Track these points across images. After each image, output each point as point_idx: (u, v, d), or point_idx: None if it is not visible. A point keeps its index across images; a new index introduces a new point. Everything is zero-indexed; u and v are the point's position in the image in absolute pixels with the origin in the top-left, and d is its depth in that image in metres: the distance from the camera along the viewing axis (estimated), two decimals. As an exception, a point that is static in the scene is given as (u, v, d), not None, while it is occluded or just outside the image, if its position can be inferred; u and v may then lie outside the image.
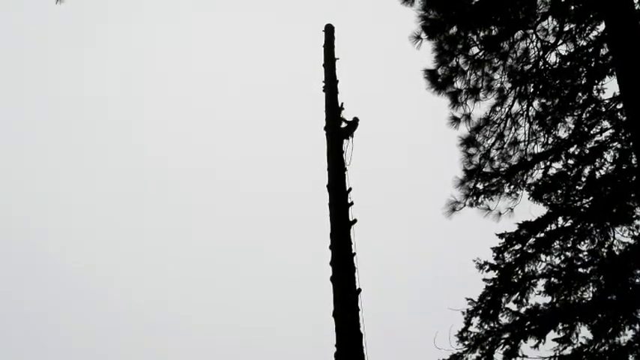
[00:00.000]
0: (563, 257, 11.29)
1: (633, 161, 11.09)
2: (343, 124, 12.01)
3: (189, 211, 33.08)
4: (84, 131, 34.94)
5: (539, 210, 11.44)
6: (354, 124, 12.07)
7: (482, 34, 11.35)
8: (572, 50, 11.17)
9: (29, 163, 33.60)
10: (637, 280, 11.04)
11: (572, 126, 11.46)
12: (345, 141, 11.88)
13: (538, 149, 11.52)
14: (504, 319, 11.16)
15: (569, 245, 11.27)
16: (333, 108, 12.13)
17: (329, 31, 13.42)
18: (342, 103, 12.37)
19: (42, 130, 35.26)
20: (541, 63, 11.25)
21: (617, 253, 11.10)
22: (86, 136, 35.35)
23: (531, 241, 11.34)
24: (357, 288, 10.25)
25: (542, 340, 10.98)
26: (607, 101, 11.29)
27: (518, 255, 11.32)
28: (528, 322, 11.01)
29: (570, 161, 11.44)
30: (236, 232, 31.34)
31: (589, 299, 11.04)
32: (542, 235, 11.32)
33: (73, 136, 35.19)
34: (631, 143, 11.06)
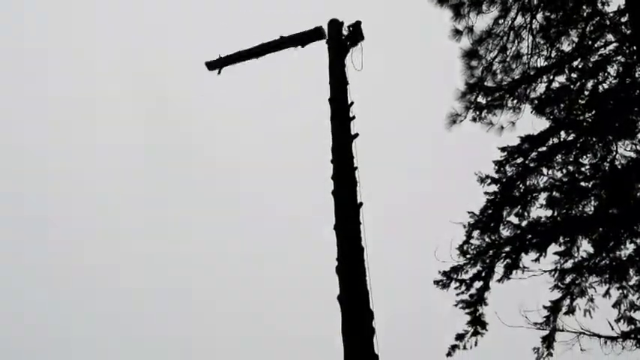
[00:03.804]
0: (565, 171, 11.11)
1: (637, 75, 10.93)
2: (345, 32, 11.65)
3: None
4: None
5: (541, 124, 11.26)
6: (356, 27, 11.70)
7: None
8: (577, -39, 10.93)
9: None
10: (639, 194, 10.93)
11: (576, 39, 11.25)
12: (352, 49, 11.55)
13: (541, 63, 11.33)
14: (505, 232, 11.00)
15: (571, 159, 11.09)
16: (333, 20, 11.78)
17: None
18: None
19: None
20: (545, -26, 11.01)
21: (619, 167, 10.95)
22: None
23: (533, 154, 11.13)
24: (358, 202, 10.01)
25: (543, 254, 10.84)
26: (611, 14, 11.09)
27: (519, 168, 11.12)
28: (529, 236, 10.84)
29: (573, 75, 11.21)
30: (239, 154, 30.55)
31: (590, 213, 10.89)
32: (545, 148, 11.12)
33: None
34: (635, 57, 10.92)
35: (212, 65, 13.09)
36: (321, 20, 12.15)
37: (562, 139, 11.12)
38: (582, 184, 11.03)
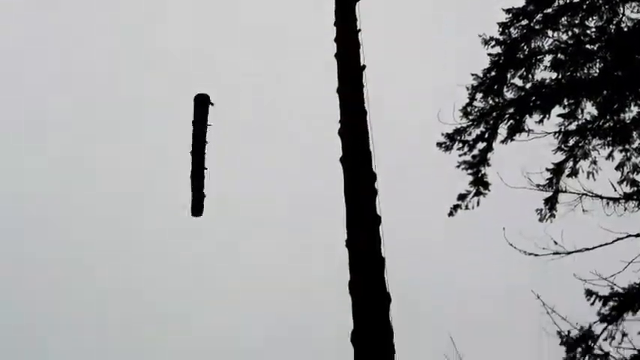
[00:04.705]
0: (570, 33, 10.88)
1: None
2: None
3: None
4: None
5: (547, -15, 10.97)
6: None
7: None
8: None
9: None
10: (644, 57, 10.75)
11: None
12: None
13: None
14: (509, 95, 10.82)
15: (577, 21, 10.86)
16: None
17: None
18: None
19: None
20: None
21: (625, 29, 10.74)
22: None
23: (538, 16, 10.90)
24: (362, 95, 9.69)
25: (547, 116, 10.70)
26: None
27: (524, 30, 10.89)
28: (533, 97, 10.68)
29: (581, -64, 10.92)
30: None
31: (595, 75, 10.72)
32: (550, 10, 10.88)
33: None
34: None
35: (197, 211, 12.07)
36: None
37: (568, 1, 10.88)
38: (588, 46, 10.82)
